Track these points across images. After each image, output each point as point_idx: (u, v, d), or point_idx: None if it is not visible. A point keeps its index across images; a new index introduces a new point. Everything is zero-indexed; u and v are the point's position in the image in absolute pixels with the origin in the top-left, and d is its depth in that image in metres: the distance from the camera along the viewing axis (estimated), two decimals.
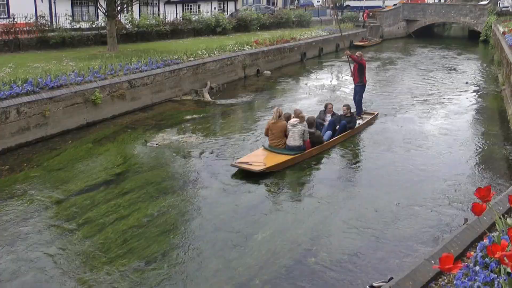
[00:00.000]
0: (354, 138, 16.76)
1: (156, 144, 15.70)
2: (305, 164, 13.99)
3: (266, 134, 14.47)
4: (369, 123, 18.56)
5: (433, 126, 18.57)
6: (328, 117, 16.67)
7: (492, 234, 5.21)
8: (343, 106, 17.21)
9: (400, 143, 16.27)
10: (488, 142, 16.84)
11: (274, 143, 14.11)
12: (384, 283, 8.10)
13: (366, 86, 19.99)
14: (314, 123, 14.87)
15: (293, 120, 14.04)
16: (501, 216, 5.58)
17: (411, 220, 10.49)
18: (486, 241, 5.14)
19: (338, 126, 16.22)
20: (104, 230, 9.75)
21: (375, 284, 7.98)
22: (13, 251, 9.00)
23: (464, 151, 15.63)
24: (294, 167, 13.71)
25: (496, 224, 5.19)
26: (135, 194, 11.56)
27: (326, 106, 17.25)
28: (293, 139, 13.87)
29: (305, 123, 14.13)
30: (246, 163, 13.00)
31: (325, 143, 15.09)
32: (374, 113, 19.54)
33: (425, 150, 15.56)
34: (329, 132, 15.70)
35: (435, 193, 11.97)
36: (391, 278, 7.53)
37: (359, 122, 17.83)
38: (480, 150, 15.96)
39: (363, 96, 19.60)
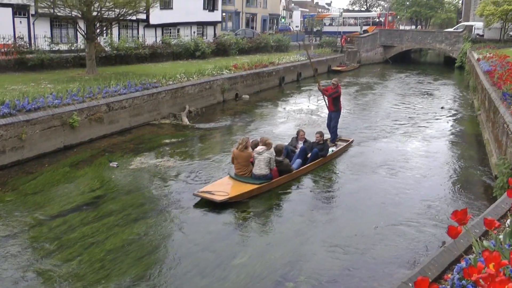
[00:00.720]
0: (328, 165, 16.45)
1: (117, 165, 15.75)
2: (273, 193, 13.62)
3: (233, 162, 14.06)
4: (344, 150, 18.30)
5: (410, 150, 18.78)
6: (300, 144, 16.33)
7: (469, 256, 5.29)
8: (316, 133, 16.81)
9: (377, 168, 16.39)
10: (464, 165, 17.09)
11: (240, 171, 13.70)
12: None
13: (341, 112, 19.77)
14: (283, 151, 14.46)
15: (259, 148, 13.61)
16: (478, 239, 5.66)
17: (389, 243, 10.58)
18: (463, 264, 5.21)
19: (309, 154, 15.85)
20: (81, 255, 9.67)
21: None
22: None
23: (441, 175, 15.85)
24: (262, 196, 13.35)
25: (473, 247, 5.27)
26: (112, 218, 11.50)
27: (298, 133, 16.88)
28: (259, 168, 13.45)
29: (271, 150, 13.69)
30: (209, 192, 12.55)
31: (294, 171, 14.58)
32: (349, 140, 19.24)
33: (402, 174, 15.73)
34: (299, 161, 15.20)
35: (413, 216, 12.10)
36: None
37: (332, 149, 17.54)
38: (457, 173, 16.19)
39: (339, 122, 19.36)
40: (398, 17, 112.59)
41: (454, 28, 78.46)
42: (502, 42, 50.78)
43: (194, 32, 49.89)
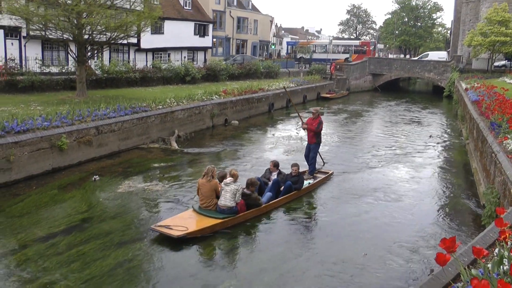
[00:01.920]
0: (306, 198, 15.83)
1: (98, 178, 16.34)
2: (242, 226, 12.95)
3: (198, 194, 13.39)
4: (322, 182, 17.60)
5: (399, 179, 18.83)
6: (274, 176, 15.66)
7: (457, 284, 5.29)
8: (292, 166, 16.03)
9: (364, 196, 16.39)
10: (453, 194, 17.17)
11: (204, 203, 12.95)
12: None
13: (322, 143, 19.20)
14: (254, 185, 13.62)
15: (227, 179, 13.00)
16: (466, 267, 5.66)
17: (378, 271, 10.56)
18: None
19: (283, 187, 15.12)
20: (67, 279, 9.58)
21: None
22: None
23: (430, 203, 15.91)
24: (231, 230, 12.63)
25: (461, 275, 5.27)
26: (99, 241, 11.42)
27: (275, 165, 16.11)
28: (224, 199, 12.73)
29: (238, 183, 13.07)
30: (167, 226, 11.79)
31: (263, 205, 13.84)
32: (328, 172, 18.61)
33: (390, 202, 15.75)
34: (269, 194, 14.44)
35: (401, 244, 12.12)
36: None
37: (309, 182, 16.86)
38: (446, 202, 16.23)
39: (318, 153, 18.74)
40: (387, 45, 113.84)
41: (419, 57, 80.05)
42: (490, 72, 51.35)
43: (184, 57, 50.19)
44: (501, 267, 5.38)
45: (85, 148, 19.06)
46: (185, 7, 52.03)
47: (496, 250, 6.36)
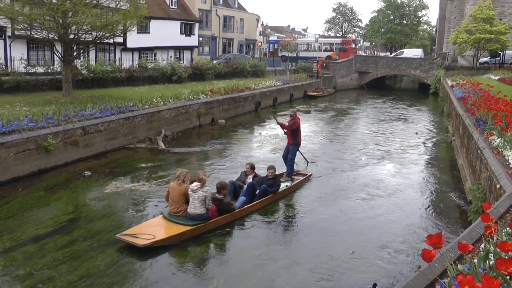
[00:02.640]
0: (283, 201, 15.35)
1: (89, 174, 16.55)
2: (213, 234, 12.31)
3: (167, 199, 12.79)
4: (300, 185, 17.07)
5: (385, 176, 18.92)
6: (250, 179, 15.16)
7: (444, 280, 5.32)
8: (268, 168, 15.43)
9: (350, 194, 16.48)
10: (439, 190, 17.29)
11: (173, 209, 12.35)
12: None
13: (301, 144, 18.66)
14: (225, 188, 13.02)
15: (194, 185, 12.27)
16: (452, 263, 5.70)
17: (364, 268, 10.61)
18: (437, 287, 5.24)
19: (258, 190, 14.64)
20: (53, 280, 9.52)
21: None
22: None
23: (416, 199, 16.01)
24: (201, 237, 12.05)
25: (448, 271, 5.30)
26: (86, 243, 11.36)
27: (251, 167, 15.59)
28: (193, 206, 12.10)
29: (207, 188, 12.30)
30: (132, 235, 11.16)
31: (236, 210, 13.26)
32: (307, 174, 18.08)
33: (376, 199, 15.83)
34: (242, 198, 13.89)
35: (388, 241, 12.19)
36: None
37: (286, 184, 16.46)
38: (432, 198, 16.35)
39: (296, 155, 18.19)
40: (373, 43, 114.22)
41: (394, 54, 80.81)
42: (475, 69, 51.68)
43: (171, 56, 50.04)
44: (487, 262, 5.42)
45: (71, 149, 18.96)
46: (171, 6, 51.84)
47: (482, 245, 6.41)
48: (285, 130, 18.14)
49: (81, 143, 19.47)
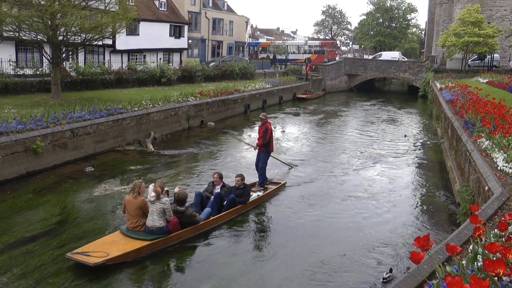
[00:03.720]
0: (254, 211, 14.58)
1: (92, 169, 16.45)
2: (174, 249, 11.47)
3: (124, 212, 11.93)
4: (273, 194, 16.23)
5: (373, 178, 18.97)
6: (217, 189, 14.24)
7: (432, 281, 5.35)
8: (236, 176, 14.72)
9: (337, 197, 16.51)
10: (428, 192, 17.38)
11: (131, 224, 11.45)
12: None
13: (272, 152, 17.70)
14: (184, 199, 12.19)
15: (152, 196, 11.38)
16: (441, 264, 5.73)
17: (354, 270, 10.63)
18: None
19: (226, 201, 13.82)
20: (41, 284, 9.47)
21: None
22: None
23: (405, 202, 16.10)
24: (160, 253, 11.21)
25: (436, 272, 5.33)
26: (73, 245, 11.18)
27: (219, 176, 14.60)
28: (152, 219, 11.26)
29: (166, 199, 11.46)
30: (84, 253, 10.19)
31: (201, 223, 12.43)
32: (281, 183, 17.26)
33: (364, 202, 15.89)
34: (208, 210, 13.11)
35: (378, 243, 12.25)
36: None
37: (258, 194, 15.55)
38: (421, 200, 16.42)
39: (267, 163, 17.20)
40: (363, 46, 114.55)
41: (372, 56, 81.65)
42: (464, 72, 51.93)
43: (160, 59, 49.95)
44: (475, 263, 5.45)
45: (60, 151, 18.87)
46: (160, 9, 51.77)
47: (471, 247, 6.45)
48: (257, 147, 17.22)
49: (70, 146, 19.37)
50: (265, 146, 16.96)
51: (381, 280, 9.67)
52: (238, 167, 18.88)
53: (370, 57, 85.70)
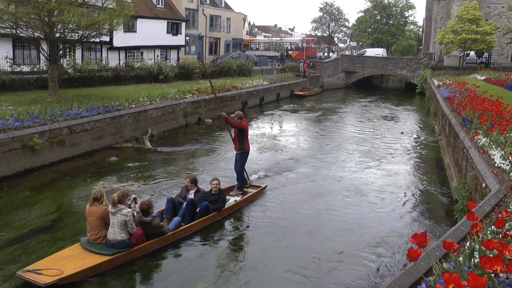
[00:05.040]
0: (230, 218, 13.65)
1: (116, 159, 16.55)
2: (138, 263, 10.50)
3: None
4: (251, 199, 15.26)
5: (370, 175, 18.97)
6: (191, 195, 13.38)
7: (429, 278, 5.36)
8: (211, 181, 13.72)
9: (335, 193, 16.52)
10: (426, 189, 17.39)
11: (91, 236, 10.44)
12: None
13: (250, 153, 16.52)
14: (151, 208, 11.08)
15: (112, 206, 10.33)
16: (438, 261, 5.74)
17: (351, 267, 10.64)
18: (423, 286, 5.27)
19: (198, 208, 12.87)
20: None
21: None
22: None
23: (403, 199, 16.09)
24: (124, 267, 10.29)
25: (433, 269, 5.34)
26: (69, 243, 11.13)
27: (192, 181, 13.65)
28: (113, 232, 10.22)
29: (128, 210, 10.40)
30: (36, 271, 9.20)
31: (169, 233, 11.44)
32: (261, 186, 16.24)
33: (362, 198, 15.88)
34: (177, 219, 12.13)
35: (375, 240, 12.22)
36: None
37: (235, 199, 14.59)
38: (419, 197, 16.44)
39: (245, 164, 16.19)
40: (360, 43, 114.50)
41: (358, 53, 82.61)
42: (461, 69, 51.95)
43: (157, 56, 49.89)
44: (472, 260, 5.46)
45: (57, 148, 18.86)
46: (157, 5, 51.68)
47: (468, 244, 6.46)
48: (231, 127, 16.02)
49: (67, 143, 19.36)
50: (241, 143, 15.75)
51: None
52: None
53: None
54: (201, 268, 10.45)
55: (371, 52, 78.04)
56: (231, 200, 14.42)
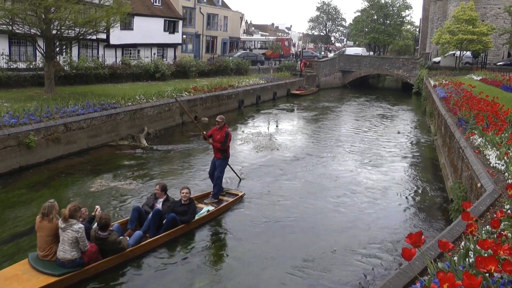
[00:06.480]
0: (205, 229, 12.73)
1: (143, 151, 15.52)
2: (93, 283, 9.51)
3: None
4: (228, 207, 14.20)
5: (365, 174, 19.00)
6: (158, 204, 12.38)
7: (424, 278, 5.37)
8: (181, 189, 12.62)
9: (330, 193, 16.51)
10: (421, 189, 17.43)
11: (42, 253, 9.35)
12: None
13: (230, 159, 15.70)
14: (108, 222, 9.99)
15: (61, 222, 9.26)
16: (433, 261, 5.75)
17: (346, 267, 10.65)
18: (417, 285, 5.28)
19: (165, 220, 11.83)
20: None
21: None
22: None
23: (399, 198, 16.13)
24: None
25: (428, 269, 5.35)
26: None
27: (162, 188, 12.62)
28: (63, 249, 9.18)
29: (80, 225, 9.30)
30: None
31: (128, 249, 10.34)
32: (238, 194, 15.20)
33: (358, 198, 15.90)
34: (138, 233, 10.97)
35: (371, 240, 12.25)
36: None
37: (208, 209, 13.47)
38: (414, 197, 16.47)
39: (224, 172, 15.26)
40: (357, 43, 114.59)
41: (338, 52, 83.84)
42: (458, 69, 52.05)
43: (154, 54, 49.85)
44: (467, 259, 5.47)
45: (53, 146, 18.81)
46: (154, 3, 51.66)
47: (463, 243, 6.47)
48: (210, 143, 15.25)
49: (63, 140, 19.32)
50: (223, 153, 14.91)
51: None
52: (232, 163, 18.79)
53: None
54: (166, 287, 9.69)
55: (350, 51, 79.91)
56: (204, 209, 13.37)
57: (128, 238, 10.74)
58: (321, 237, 12.53)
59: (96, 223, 10.11)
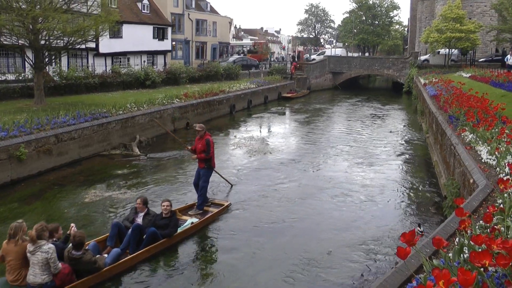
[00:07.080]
0: (190, 242, 12.33)
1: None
2: None
3: (2, 261, 8.93)
4: (213, 218, 13.73)
5: (359, 174, 19.06)
6: (139, 219, 11.90)
7: (420, 275, 5.36)
8: (162, 202, 12.16)
9: (325, 192, 16.50)
10: (415, 187, 17.47)
11: (11, 277, 8.74)
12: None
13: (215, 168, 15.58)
14: (82, 241, 9.37)
15: (30, 244, 8.67)
16: (428, 258, 5.75)
17: (342, 267, 10.65)
18: (414, 283, 5.28)
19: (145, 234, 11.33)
20: None
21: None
22: None
23: (393, 197, 16.16)
24: None
25: (424, 266, 5.35)
26: None
27: (143, 202, 12.08)
28: (33, 273, 8.62)
29: (49, 245, 8.72)
30: None
31: (105, 269, 9.83)
32: (224, 204, 14.72)
33: (352, 197, 15.92)
34: (116, 250, 10.52)
35: (366, 239, 12.27)
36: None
37: (192, 221, 12.97)
38: (408, 195, 16.53)
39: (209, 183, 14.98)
40: (346, 44, 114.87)
41: (318, 53, 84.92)
42: (447, 67, 52.23)
43: (144, 61, 49.80)
44: (462, 255, 5.47)
45: (45, 158, 18.71)
46: (143, 11, 51.64)
47: (457, 240, 6.47)
48: (196, 158, 14.96)
49: (54, 151, 19.23)
50: (207, 162, 14.60)
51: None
52: (226, 169, 18.78)
53: (355, 54, 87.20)
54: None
55: (328, 52, 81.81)
56: (188, 222, 12.89)
57: (106, 256, 10.33)
58: (315, 238, 12.51)
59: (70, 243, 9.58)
